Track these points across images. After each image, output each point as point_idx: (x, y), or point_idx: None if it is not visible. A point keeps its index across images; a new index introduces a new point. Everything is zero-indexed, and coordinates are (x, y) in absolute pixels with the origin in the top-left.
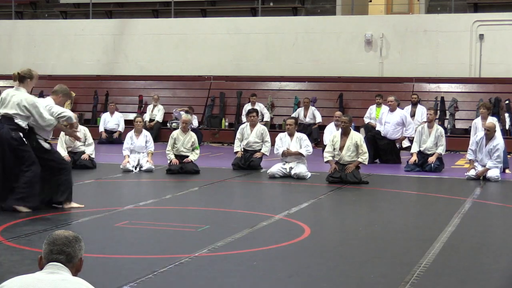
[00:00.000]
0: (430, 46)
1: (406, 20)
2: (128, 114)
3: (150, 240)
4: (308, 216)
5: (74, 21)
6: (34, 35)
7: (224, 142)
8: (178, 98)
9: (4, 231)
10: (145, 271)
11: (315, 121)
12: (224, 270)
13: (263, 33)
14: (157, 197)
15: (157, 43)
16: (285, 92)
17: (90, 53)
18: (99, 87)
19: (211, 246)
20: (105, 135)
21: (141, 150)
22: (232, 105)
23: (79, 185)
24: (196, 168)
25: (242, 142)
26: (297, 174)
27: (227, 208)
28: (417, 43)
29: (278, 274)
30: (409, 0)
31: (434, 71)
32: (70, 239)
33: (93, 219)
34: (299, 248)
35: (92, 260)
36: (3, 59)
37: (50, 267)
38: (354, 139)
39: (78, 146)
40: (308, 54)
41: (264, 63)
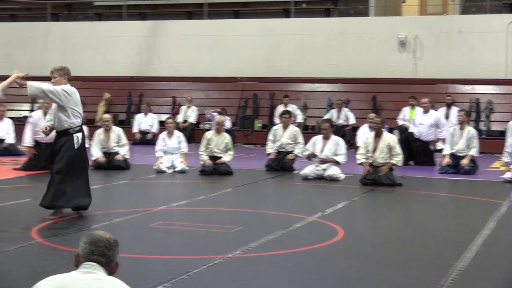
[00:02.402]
0: (465, 47)
1: (441, 21)
2: (161, 115)
3: (183, 240)
4: (341, 218)
5: (108, 23)
6: (69, 37)
7: (257, 143)
8: (211, 99)
9: (40, 230)
10: (178, 271)
11: (348, 122)
12: (257, 271)
13: (296, 34)
14: (191, 198)
15: (190, 44)
16: (318, 94)
17: (124, 55)
18: (133, 88)
19: (244, 247)
20: (139, 136)
21: (174, 151)
22: (265, 106)
23: (113, 185)
24: (229, 169)
25: (274, 144)
26: (330, 175)
27: (260, 210)
28: (451, 44)
29: (311, 276)
30: (443, 1)
31: (469, 72)
32: (111, 243)
33: (127, 220)
34: (332, 250)
35: (125, 260)
36: (39, 61)
37: (86, 267)
38: (387, 140)
39: (112, 146)
40: (341, 55)
41: (296, 64)
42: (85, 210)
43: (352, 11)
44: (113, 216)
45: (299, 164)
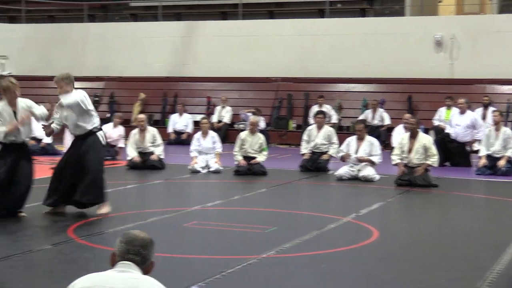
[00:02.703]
0: (502, 47)
1: (478, 20)
2: (196, 116)
3: (217, 240)
4: (376, 219)
5: (144, 24)
6: (105, 38)
7: (291, 143)
8: (246, 100)
9: (77, 229)
10: (212, 271)
11: (383, 123)
12: (292, 271)
13: (330, 35)
14: (225, 198)
15: (225, 44)
16: (352, 94)
17: (159, 55)
18: (168, 88)
19: (278, 248)
20: (173, 136)
21: (208, 151)
22: (300, 106)
23: (148, 185)
24: (264, 170)
25: (309, 144)
26: (365, 176)
27: (295, 210)
28: (489, 44)
29: (346, 276)
30: (480, 0)
31: (506, 72)
32: (147, 242)
33: (162, 219)
34: (367, 251)
35: (160, 260)
36: (76, 62)
37: (122, 266)
38: (422, 141)
39: (147, 146)
40: (376, 55)
41: (331, 64)
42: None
43: (387, 11)
44: (147, 215)
45: (334, 164)
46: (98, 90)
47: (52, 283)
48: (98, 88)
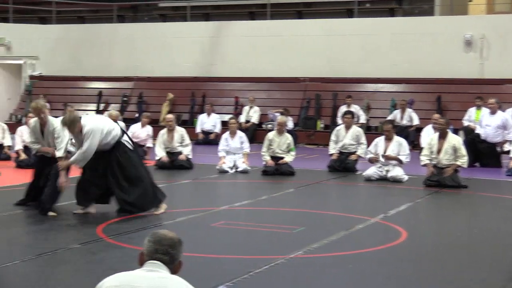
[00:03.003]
0: None
1: (509, 19)
2: (224, 116)
3: (245, 240)
4: (405, 220)
5: (172, 24)
6: (134, 38)
7: (319, 144)
8: (274, 100)
9: (105, 228)
10: (240, 271)
11: (412, 123)
12: (319, 272)
13: (359, 34)
14: (253, 198)
15: (253, 45)
16: (381, 94)
17: (188, 55)
18: (196, 88)
19: (306, 248)
20: (202, 136)
21: (236, 151)
22: (328, 106)
23: (176, 185)
24: (292, 170)
25: (337, 144)
26: (394, 177)
27: (323, 210)
28: None
29: (374, 277)
30: None
31: None
32: (175, 241)
33: (190, 219)
34: (395, 251)
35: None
36: (105, 62)
37: (150, 265)
38: (452, 142)
39: (176, 146)
40: (405, 55)
41: (360, 64)
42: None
43: (416, 11)
44: (176, 215)
45: (362, 165)
46: (127, 90)
47: (80, 282)
48: (127, 88)
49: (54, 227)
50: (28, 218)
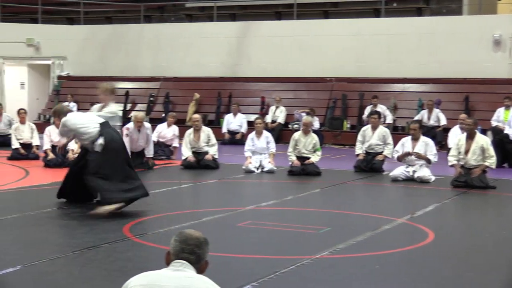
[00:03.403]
0: None
1: None
2: (250, 116)
3: (271, 240)
4: (432, 221)
5: (199, 24)
6: (161, 38)
7: (346, 144)
8: (300, 100)
9: (132, 227)
10: (266, 271)
11: (439, 123)
12: (346, 273)
13: (385, 34)
14: (279, 198)
15: (280, 45)
16: (408, 94)
17: (214, 55)
18: (223, 88)
19: (332, 248)
20: (228, 136)
21: (262, 151)
22: (354, 107)
23: (202, 184)
24: (318, 170)
25: (363, 145)
26: (421, 177)
27: (349, 211)
28: None
29: (401, 278)
30: None
31: None
32: (201, 241)
33: (216, 219)
34: (422, 253)
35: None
36: (132, 62)
37: (176, 265)
38: (480, 142)
39: (202, 146)
40: (432, 55)
41: (386, 64)
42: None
43: (444, 10)
44: (202, 215)
45: (389, 165)
46: (153, 90)
47: (107, 281)
48: (153, 88)
49: (81, 226)
50: (55, 217)
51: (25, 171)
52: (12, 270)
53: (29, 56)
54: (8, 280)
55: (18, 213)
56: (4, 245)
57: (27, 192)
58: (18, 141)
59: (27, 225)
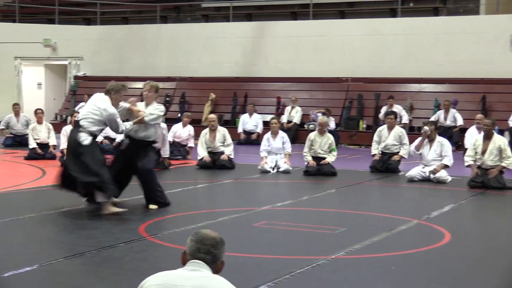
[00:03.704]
0: None
1: None
2: (266, 116)
3: (287, 240)
4: (448, 221)
5: (215, 24)
6: (177, 39)
7: (362, 144)
8: (316, 100)
9: (148, 227)
10: (282, 271)
11: (456, 124)
12: (361, 273)
13: (402, 34)
14: (294, 198)
15: (296, 45)
16: (424, 94)
17: (230, 55)
18: (238, 88)
19: (348, 249)
20: (243, 136)
21: (278, 151)
22: (370, 107)
23: (218, 184)
24: (333, 170)
25: (379, 145)
26: (437, 178)
27: (365, 211)
28: None
29: (417, 279)
30: None
31: None
32: (217, 241)
33: (232, 219)
34: (438, 253)
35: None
36: (148, 62)
37: (192, 265)
38: (497, 143)
39: (217, 146)
40: (448, 55)
41: (402, 64)
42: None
43: (461, 10)
44: (218, 215)
45: (405, 165)
46: (169, 90)
47: (123, 281)
48: (169, 88)
49: (97, 225)
50: (71, 217)
51: (42, 171)
52: (29, 269)
53: (46, 57)
54: (25, 279)
55: (34, 213)
56: (21, 244)
57: (44, 192)
58: (35, 141)
59: (44, 225)
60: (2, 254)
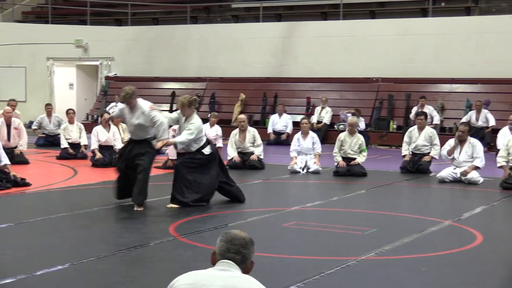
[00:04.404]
0: None
1: None
2: (296, 116)
3: (316, 241)
4: (480, 223)
5: (245, 25)
6: (207, 39)
7: (392, 145)
8: (346, 100)
9: (178, 227)
10: (311, 272)
11: (487, 124)
12: (391, 274)
13: (433, 34)
14: (324, 198)
15: (325, 45)
16: (456, 95)
17: (260, 56)
18: (268, 89)
19: (378, 250)
20: (273, 137)
21: (308, 151)
22: (401, 107)
23: (248, 184)
24: (363, 171)
25: (410, 145)
26: (469, 179)
27: (395, 212)
28: None
29: (447, 281)
30: None
31: None
32: (247, 241)
33: (261, 219)
34: (470, 255)
35: (259, 259)
36: (178, 63)
37: (222, 264)
38: None
39: (247, 147)
40: (480, 55)
41: (434, 64)
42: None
43: (494, 9)
44: (247, 215)
45: (436, 166)
46: (199, 91)
47: (153, 280)
48: (199, 88)
49: (128, 225)
50: (102, 216)
51: (74, 171)
52: (61, 267)
53: (78, 57)
54: (57, 277)
55: (66, 212)
56: (53, 243)
57: (75, 191)
58: (67, 140)
59: (75, 224)
60: (35, 253)
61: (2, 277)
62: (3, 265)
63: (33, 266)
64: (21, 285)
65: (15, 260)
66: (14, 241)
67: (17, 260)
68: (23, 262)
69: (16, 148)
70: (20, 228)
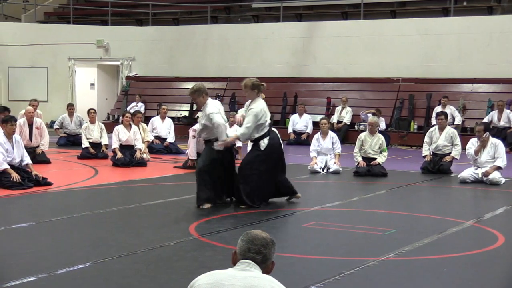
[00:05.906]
0: None
1: None
2: (316, 116)
3: (336, 241)
4: (502, 224)
5: (265, 25)
6: (227, 39)
7: (413, 145)
8: (366, 100)
9: (198, 227)
10: (331, 272)
11: (510, 124)
12: (412, 275)
13: (454, 34)
14: (344, 199)
15: (346, 45)
16: (477, 95)
17: (280, 56)
18: (288, 89)
19: (398, 250)
20: (293, 136)
21: (328, 151)
22: (422, 107)
23: None
24: (384, 171)
25: (430, 146)
26: (490, 179)
27: (415, 212)
28: None
29: (468, 282)
30: None
31: None
32: (268, 241)
33: (281, 219)
34: (491, 257)
35: (279, 259)
36: (198, 62)
37: (242, 264)
38: None
39: None
40: (503, 54)
41: (455, 64)
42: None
43: None
44: (267, 215)
45: (457, 166)
46: (220, 91)
47: (173, 280)
48: (220, 88)
49: (147, 225)
50: (123, 216)
51: (95, 170)
52: (82, 266)
53: (99, 57)
54: (78, 276)
55: (87, 211)
56: (74, 242)
57: (96, 191)
58: (88, 140)
59: (96, 223)
60: (56, 252)
61: (24, 275)
62: (25, 264)
63: (54, 265)
64: (43, 283)
65: (36, 258)
66: (35, 240)
67: (39, 258)
68: (44, 261)
69: (37, 148)
70: (42, 227)
